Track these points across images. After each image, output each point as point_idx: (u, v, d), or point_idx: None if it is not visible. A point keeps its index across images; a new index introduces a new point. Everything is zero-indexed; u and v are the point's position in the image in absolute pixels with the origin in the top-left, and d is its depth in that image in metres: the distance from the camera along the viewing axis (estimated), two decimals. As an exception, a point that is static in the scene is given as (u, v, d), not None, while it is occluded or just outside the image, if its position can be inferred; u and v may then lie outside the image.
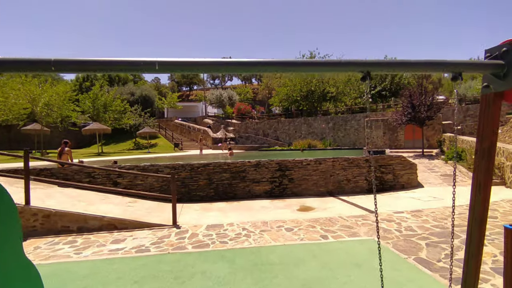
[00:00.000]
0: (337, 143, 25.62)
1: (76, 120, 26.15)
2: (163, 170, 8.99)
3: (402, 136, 21.95)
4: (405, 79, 27.46)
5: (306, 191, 9.59)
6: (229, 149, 17.95)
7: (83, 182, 8.71)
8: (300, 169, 9.58)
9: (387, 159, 10.07)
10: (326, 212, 7.34)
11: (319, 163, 9.68)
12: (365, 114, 25.35)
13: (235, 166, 9.30)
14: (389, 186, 10.03)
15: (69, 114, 24.08)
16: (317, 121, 27.26)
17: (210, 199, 9.12)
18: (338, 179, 9.76)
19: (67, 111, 23.63)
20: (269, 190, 9.42)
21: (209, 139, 30.34)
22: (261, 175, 9.39)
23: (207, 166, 9.18)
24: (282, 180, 9.48)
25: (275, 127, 29.94)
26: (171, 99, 40.72)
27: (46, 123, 22.23)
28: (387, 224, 6.09)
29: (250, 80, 65.44)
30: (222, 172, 9.23)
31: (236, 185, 9.27)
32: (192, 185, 9.08)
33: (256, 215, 7.19)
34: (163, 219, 6.75)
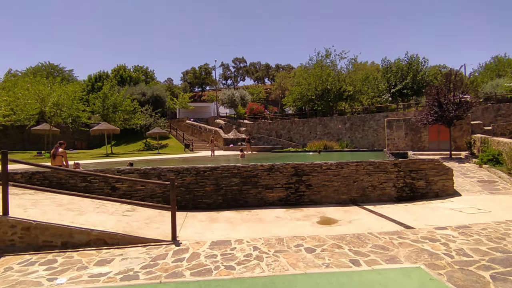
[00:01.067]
0: (355, 144, 24.28)
1: (87, 120, 25.85)
2: (166, 174, 8.09)
3: (426, 137, 20.47)
4: (428, 76, 25.80)
5: (325, 199, 8.50)
6: (240, 151, 16.99)
7: (79, 187, 7.93)
8: (319, 174, 8.50)
9: (419, 163, 8.85)
10: (352, 226, 6.24)
11: (341, 167, 8.57)
12: (385, 113, 23.90)
13: (246, 170, 8.30)
14: (420, 194, 8.81)
15: (79, 114, 23.75)
16: (333, 121, 25.97)
17: (218, 207, 8.16)
18: (363, 185, 8.62)
19: (76, 111, 23.28)
20: (284, 197, 8.38)
21: (221, 140, 29.50)
22: (275, 181, 8.37)
23: (215, 170, 8.22)
24: (298, 186, 8.42)
25: (289, 127, 28.82)
26: (182, 100, 40.23)
27: (55, 123, 21.91)
28: (431, 245, 4.94)
29: (263, 80, 64.43)
30: (231, 176, 8.25)
31: (247, 191, 8.28)
32: (198, 191, 8.14)
33: (269, 228, 6.16)
34: (162, 232, 5.82)
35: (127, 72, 42.70)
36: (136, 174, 8.08)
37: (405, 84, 25.26)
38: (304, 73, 29.36)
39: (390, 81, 26.42)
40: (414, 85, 25.30)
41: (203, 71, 61.07)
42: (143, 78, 45.15)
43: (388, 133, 21.43)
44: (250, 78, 66.20)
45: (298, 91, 28.61)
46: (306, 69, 29.39)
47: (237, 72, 68.03)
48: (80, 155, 21.51)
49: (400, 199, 8.70)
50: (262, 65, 65.91)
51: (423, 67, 26.12)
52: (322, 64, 27.49)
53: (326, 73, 27.07)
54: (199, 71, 61.43)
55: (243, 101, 38.25)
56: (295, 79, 35.45)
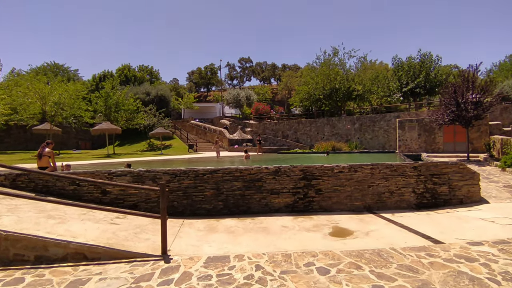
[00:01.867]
0: (364, 145, 23.33)
1: (90, 120, 25.40)
2: (161, 177, 7.38)
3: (441, 138, 19.46)
4: (441, 75, 24.70)
5: (337, 205, 7.68)
6: (244, 152, 16.22)
7: (67, 190, 7.27)
8: (330, 178, 7.69)
9: (441, 166, 7.98)
10: (370, 239, 5.43)
11: (354, 170, 7.75)
12: (396, 113, 22.91)
13: (249, 173, 7.54)
14: (443, 201, 7.94)
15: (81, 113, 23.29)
16: (342, 121, 25.05)
17: (218, 213, 7.41)
18: (378, 190, 7.79)
19: (78, 111, 22.82)
20: (291, 203, 7.59)
21: (225, 140, 28.80)
22: (281, 185, 7.59)
23: (215, 173, 7.48)
24: (307, 191, 7.63)
25: (295, 128, 27.98)
26: (187, 100, 39.65)
27: (56, 123, 21.42)
28: (470, 266, 4.11)
29: (269, 80, 63.62)
30: (233, 180, 7.50)
31: (251, 196, 7.51)
32: (197, 196, 7.41)
33: (275, 241, 5.39)
34: (152, 244, 5.09)
35: (132, 71, 42.33)
36: (129, 177, 7.38)
37: (418, 83, 24.20)
38: (311, 72, 28.51)
39: (401, 80, 25.40)
40: (427, 84, 24.24)
41: (208, 71, 60.53)
42: (148, 78, 44.74)
43: (400, 134, 20.46)
44: (256, 78, 65.43)
45: (305, 90, 27.75)
46: (313, 68, 28.55)
47: (243, 72, 67.35)
48: (81, 155, 21.01)
49: (420, 207, 7.85)
50: (268, 65, 65.12)
51: (436, 65, 25.07)
52: (330, 62, 26.61)
53: (334, 71, 26.17)
54: (205, 71, 60.90)
55: (248, 101, 37.50)
56: (302, 78, 34.60)
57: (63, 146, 32.51)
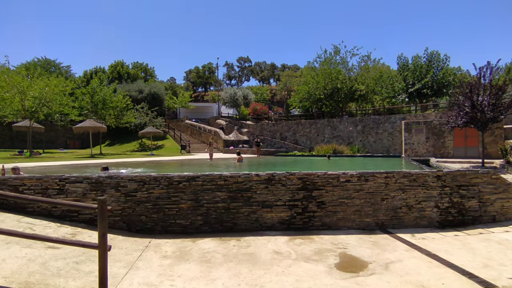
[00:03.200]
0: (367, 149, 21.95)
1: (77, 117, 23.92)
2: (126, 184, 5.95)
3: (451, 142, 18.09)
4: (450, 75, 23.34)
5: (344, 222, 6.28)
6: (237, 154, 14.76)
7: (8, 200, 5.84)
8: (335, 188, 6.28)
9: (470, 175, 6.58)
10: (392, 276, 4.01)
11: (365, 179, 6.35)
12: (402, 115, 21.54)
13: (236, 181, 6.13)
14: (471, 218, 6.54)
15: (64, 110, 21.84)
16: (343, 123, 23.67)
17: (196, 230, 5.99)
18: (394, 204, 6.38)
19: (60, 107, 21.36)
20: (287, 219, 6.18)
21: (220, 141, 27.38)
22: (275, 196, 6.17)
23: (193, 180, 6.06)
24: (307, 205, 6.22)
25: (294, 129, 26.58)
26: (183, 99, 38.20)
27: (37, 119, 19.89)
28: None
29: (268, 81, 62.27)
30: (215, 190, 6.08)
31: (237, 210, 6.10)
32: (170, 209, 5.99)
33: (263, 277, 3.98)
34: (91, 284, 3.66)
35: (125, 68, 40.83)
36: (85, 184, 5.95)
37: (425, 83, 22.86)
38: (311, 71, 27.15)
39: (407, 80, 24.04)
40: (434, 84, 22.90)
41: (206, 70, 59.09)
42: (142, 75, 43.27)
43: (406, 137, 19.08)
44: (255, 78, 64.04)
45: (305, 90, 26.37)
46: (314, 67, 27.19)
47: (241, 72, 65.95)
48: (65, 155, 19.58)
49: (444, 225, 6.45)
50: (268, 65, 63.71)
51: (445, 65, 23.74)
52: (331, 61, 25.26)
53: (336, 70, 24.80)
54: (203, 70, 59.46)
55: (246, 100, 36.07)
56: (302, 78, 33.27)
57: (50, 145, 31.02)
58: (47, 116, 25.10)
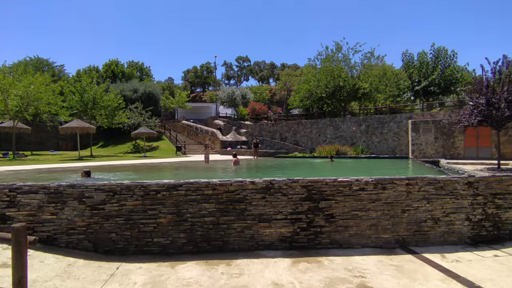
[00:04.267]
0: (371, 150, 20.88)
1: (67, 118, 22.81)
2: (92, 195, 4.88)
3: (461, 142, 17.03)
4: (459, 72, 22.31)
5: (357, 238, 5.21)
6: (233, 156, 13.68)
7: None
8: (347, 198, 5.22)
9: (508, 182, 5.53)
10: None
11: (383, 187, 5.28)
12: (408, 114, 20.47)
13: (227, 190, 5.06)
14: (509, 233, 5.50)
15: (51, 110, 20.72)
16: (346, 122, 22.60)
17: (179, 250, 4.93)
18: (417, 217, 5.32)
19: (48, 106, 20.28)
20: (289, 236, 5.12)
21: (218, 142, 26.31)
22: (274, 208, 5.11)
23: (175, 189, 4.99)
24: (313, 218, 5.15)
25: (295, 129, 25.51)
26: (180, 98, 37.09)
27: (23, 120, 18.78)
28: None
29: (268, 81, 61.19)
30: (202, 201, 5.01)
31: (228, 225, 5.03)
32: (146, 224, 4.92)
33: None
34: None
35: (120, 67, 39.68)
36: (42, 195, 4.87)
37: (432, 80, 21.78)
38: (312, 68, 26.09)
39: (412, 78, 22.99)
40: (442, 82, 21.83)
41: (204, 70, 57.99)
42: (138, 74, 42.10)
43: (414, 137, 18.02)
44: (254, 78, 62.92)
45: (306, 88, 25.31)
46: (314, 65, 26.13)
47: (240, 72, 64.83)
48: (51, 158, 18.51)
49: (476, 241, 5.40)
50: (267, 65, 62.66)
51: (452, 61, 22.69)
52: (332, 58, 24.20)
53: (338, 68, 23.74)
54: (201, 70, 58.37)
55: (244, 100, 34.98)
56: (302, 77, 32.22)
57: (41, 147, 29.91)
58: (35, 117, 24.00)
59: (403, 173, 11.79)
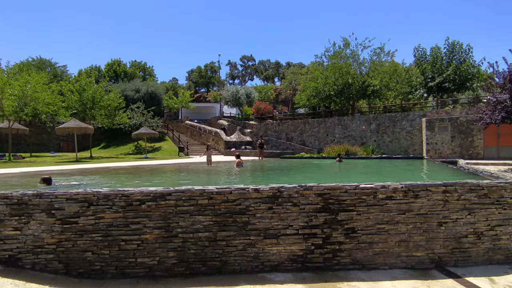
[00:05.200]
0: (383, 149, 19.86)
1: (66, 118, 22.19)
2: (63, 206, 4.06)
3: (481, 141, 15.96)
4: (475, 67, 21.14)
5: (384, 257, 4.31)
6: (236, 157, 12.82)
7: None
8: (371, 208, 4.32)
9: None
10: None
11: (414, 195, 4.38)
12: (422, 112, 19.40)
13: (226, 199, 4.20)
14: None
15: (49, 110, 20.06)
16: (355, 121, 21.61)
17: (168, 273, 4.10)
18: (456, 231, 4.40)
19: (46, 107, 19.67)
20: (301, 254, 4.25)
21: (221, 142, 25.51)
22: (283, 221, 4.24)
23: (163, 198, 4.14)
24: (330, 233, 4.27)
25: (301, 129, 24.57)
26: (183, 98, 36.39)
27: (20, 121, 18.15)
28: None
29: (273, 80, 60.25)
30: (196, 212, 4.17)
31: (228, 242, 4.18)
32: (129, 242, 4.09)
33: None
34: None
35: (122, 67, 39.12)
36: (3, 206, 4.06)
37: (446, 76, 20.67)
38: (319, 65, 25.12)
39: (425, 74, 21.88)
40: (457, 78, 20.69)
41: (209, 69, 57.29)
42: (141, 74, 41.53)
43: (428, 136, 16.98)
44: (258, 78, 62.02)
45: (313, 86, 24.35)
46: (321, 62, 25.17)
47: (245, 71, 64.00)
48: (47, 160, 17.87)
49: (530, 261, 4.44)
50: (272, 64, 61.76)
51: (467, 56, 21.53)
52: (340, 54, 23.22)
53: (347, 64, 22.74)
54: (205, 70, 57.69)
55: (248, 99, 34.12)
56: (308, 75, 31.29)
57: (42, 148, 29.42)
58: (34, 117, 23.48)
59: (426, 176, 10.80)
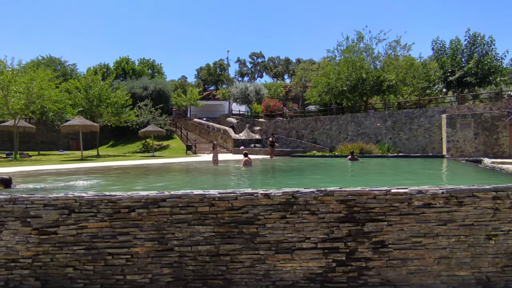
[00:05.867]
0: (399, 147, 18.89)
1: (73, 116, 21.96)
2: (40, 213, 3.48)
3: (506, 139, 14.89)
4: (498, 60, 19.87)
5: (419, 277, 3.60)
6: (244, 155, 12.14)
7: None
8: (404, 217, 3.59)
9: None
10: None
11: (458, 202, 3.63)
12: (442, 108, 18.33)
13: (231, 207, 3.54)
14: None
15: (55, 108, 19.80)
16: (370, 118, 20.67)
17: (162, 294, 3.45)
18: (508, 246, 3.63)
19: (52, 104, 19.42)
20: (321, 273, 3.57)
21: (230, 140, 24.92)
22: (298, 233, 3.56)
23: (155, 205, 3.51)
24: (355, 247, 3.56)
25: (312, 126, 23.74)
26: (191, 95, 35.93)
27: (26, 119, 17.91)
28: None
29: (282, 77, 59.29)
30: (195, 222, 3.53)
31: (233, 257, 3.52)
32: (116, 256, 3.47)
33: None
34: None
35: (130, 64, 38.89)
36: (-29, 213, 3.49)
37: (468, 70, 19.47)
38: (331, 60, 24.19)
39: (445, 67, 20.71)
40: (479, 71, 19.49)
41: (217, 67, 56.75)
42: (149, 72, 41.23)
43: (449, 133, 15.96)
44: (268, 75, 61.17)
45: (325, 82, 23.44)
46: (333, 57, 24.23)
47: (254, 68, 63.23)
48: (53, 158, 17.61)
49: None
50: (282, 60, 60.75)
51: (489, 48, 20.25)
52: (354, 49, 22.25)
53: (360, 59, 21.77)
54: (214, 67, 57.18)
55: (258, 96, 33.38)
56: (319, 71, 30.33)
57: (51, 147, 29.40)
58: (42, 115, 23.35)
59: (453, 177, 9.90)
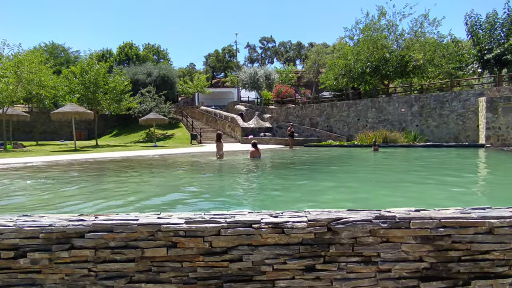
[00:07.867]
0: (427, 136, 16.78)
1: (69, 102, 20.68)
2: None
3: (562, 125, 12.60)
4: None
5: None
6: (252, 145, 10.42)
7: None
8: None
9: None
10: None
11: None
12: (479, 90, 16.05)
13: (207, 248, 1.78)
14: None
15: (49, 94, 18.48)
16: (393, 103, 18.52)
17: None
18: None
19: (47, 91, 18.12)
20: None
21: (238, 129, 23.19)
22: (341, 300, 1.76)
23: (68, 244, 1.78)
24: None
25: (328, 113, 21.73)
26: (198, 82, 34.20)
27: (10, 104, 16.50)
28: None
29: (294, 62, 56.67)
30: (140, 275, 1.77)
31: None
32: None
33: None
34: None
35: (134, 49, 37.28)
36: None
37: (509, 46, 16.96)
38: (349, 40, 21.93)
39: (481, 44, 18.20)
40: (522, 48, 16.97)
41: (226, 53, 54.60)
42: (154, 58, 39.58)
43: (489, 119, 13.79)
44: (279, 61, 58.61)
45: (342, 63, 21.24)
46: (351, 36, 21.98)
47: (264, 54, 60.80)
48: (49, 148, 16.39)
49: None
50: (293, 45, 58.03)
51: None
52: (375, 26, 19.96)
53: (382, 37, 19.46)
54: (223, 53, 55.11)
55: (268, 81, 31.39)
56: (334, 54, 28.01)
57: (54, 136, 28.43)
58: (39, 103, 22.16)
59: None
